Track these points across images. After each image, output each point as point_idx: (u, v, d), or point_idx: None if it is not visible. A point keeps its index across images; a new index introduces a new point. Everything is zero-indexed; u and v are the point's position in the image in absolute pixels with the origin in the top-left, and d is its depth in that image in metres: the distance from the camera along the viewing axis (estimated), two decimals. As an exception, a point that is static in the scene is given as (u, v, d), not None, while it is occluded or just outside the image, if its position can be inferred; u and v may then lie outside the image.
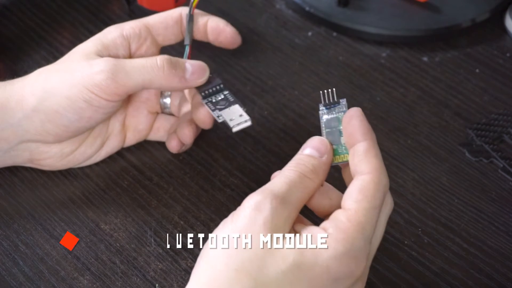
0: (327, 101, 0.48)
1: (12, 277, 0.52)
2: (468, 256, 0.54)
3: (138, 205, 0.57)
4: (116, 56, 0.55)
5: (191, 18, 0.58)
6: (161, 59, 0.53)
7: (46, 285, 0.52)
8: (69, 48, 0.69)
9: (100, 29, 0.70)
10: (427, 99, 0.66)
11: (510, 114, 0.64)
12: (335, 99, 0.48)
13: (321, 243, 0.43)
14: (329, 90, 0.48)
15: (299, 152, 0.47)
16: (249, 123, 0.53)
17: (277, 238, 0.43)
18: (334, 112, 0.48)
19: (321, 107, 0.48)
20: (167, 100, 0.60)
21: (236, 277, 0.42)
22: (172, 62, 0.54)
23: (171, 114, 0.61)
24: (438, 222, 0.56)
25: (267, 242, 0.43)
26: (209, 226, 0.55)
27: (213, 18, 0.60)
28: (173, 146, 0.59)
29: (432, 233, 0.55)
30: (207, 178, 0.59)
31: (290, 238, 0.43)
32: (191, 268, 0.52)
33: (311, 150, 0.47)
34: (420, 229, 0.56)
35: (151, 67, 0.53)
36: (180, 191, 0.58)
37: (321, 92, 0.48)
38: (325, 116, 0.48)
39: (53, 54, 0.68)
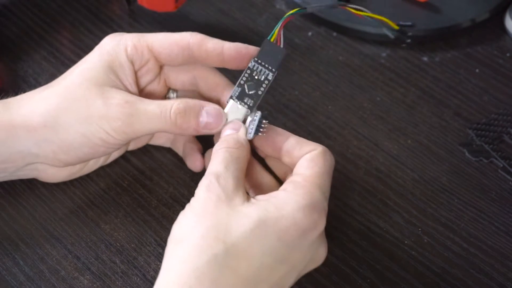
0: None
1: (12, 277, 0.52)
2: (468, 256, 0.54)
3: (138, 205, 0.57)
4: (124, 81, 0.54)
5: None
6: (174, 111, 0.51)
7: (47, 285, 0.52)
8: (69, 48, 0.69)
9: (100, 29, 0.71)
10: (427, 99, 0.66)
11: (510, 114, 0.64)
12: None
13: (282, 198, 0.47)
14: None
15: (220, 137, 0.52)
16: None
17: (237, 203, 0.46)
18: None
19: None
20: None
21: (205, 244, 0.44)
22: (186, 114, 0.52)
23: None
24: (438, 222, 0.56)
25: (228, 209, 0.46)
26: (209, 226, 0.55)
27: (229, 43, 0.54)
28: (198, 166, 0.58)
29: (432, 233, 0.55)
30: (207, 178, 0.59)
31: (250, 199, 0.47)
32: (191, 267, 0.52)
33: (228, 130, 0.52)
34: (420, 229, 0.56)
35: (164, 119, 0.51)
36: (180, 191, 0.58)
37: None
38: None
39: (53, 54, 0.68)
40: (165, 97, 0.58)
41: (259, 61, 0.53)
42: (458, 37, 0.71)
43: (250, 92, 0.53)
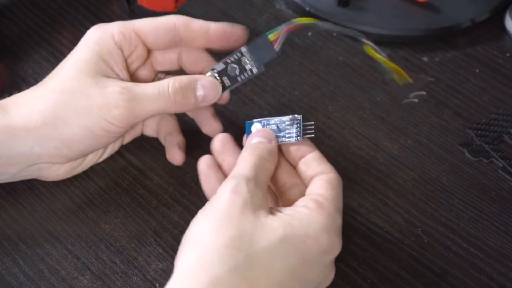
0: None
1: (12, 277, 0.52)
2: (468, 256, 0.54)
3: (138, 205, 0.57)
4: (115, 68, 0.54)
5: None
6: (172, 88, 0.52)
7: (47, 285, 0.52)
8: (69, 48, 0.69)
9: (100, 29, 0.70)
10: (427, 99, 0.66)
11: (510, 114, 0.64)
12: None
13: (306, 216, 0.46)
14: None
15: (247, 143, 0.51)
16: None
17: (262, 214, 0.45)
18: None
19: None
20: None
21: (227, 253, 0.43)
22: (183, 90, 0.52)
23: None
24: (438, 222, 0.56)
25: (253, 218, 0.44)
26: (209, 226, 0.55)
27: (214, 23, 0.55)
28: (178, 159, 0.58)
29: (432, 233, 0.55)
30: (207, 178, 0.59)
31: (274, 213, 0.46)
32: (191, 267, 0.52)
33: (260, 138, 0.51)
34: (420, 229, 0.56)
35: (163, 98, 0.52)
36: (180, 191, 0.58)
37: None
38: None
39: (53, 54, 0.68)
40: (153, 80, 0.58)
41: (250, 51, 0.54)
42: (458, 37, 0.71)
43: (231, 74, 0.54)
